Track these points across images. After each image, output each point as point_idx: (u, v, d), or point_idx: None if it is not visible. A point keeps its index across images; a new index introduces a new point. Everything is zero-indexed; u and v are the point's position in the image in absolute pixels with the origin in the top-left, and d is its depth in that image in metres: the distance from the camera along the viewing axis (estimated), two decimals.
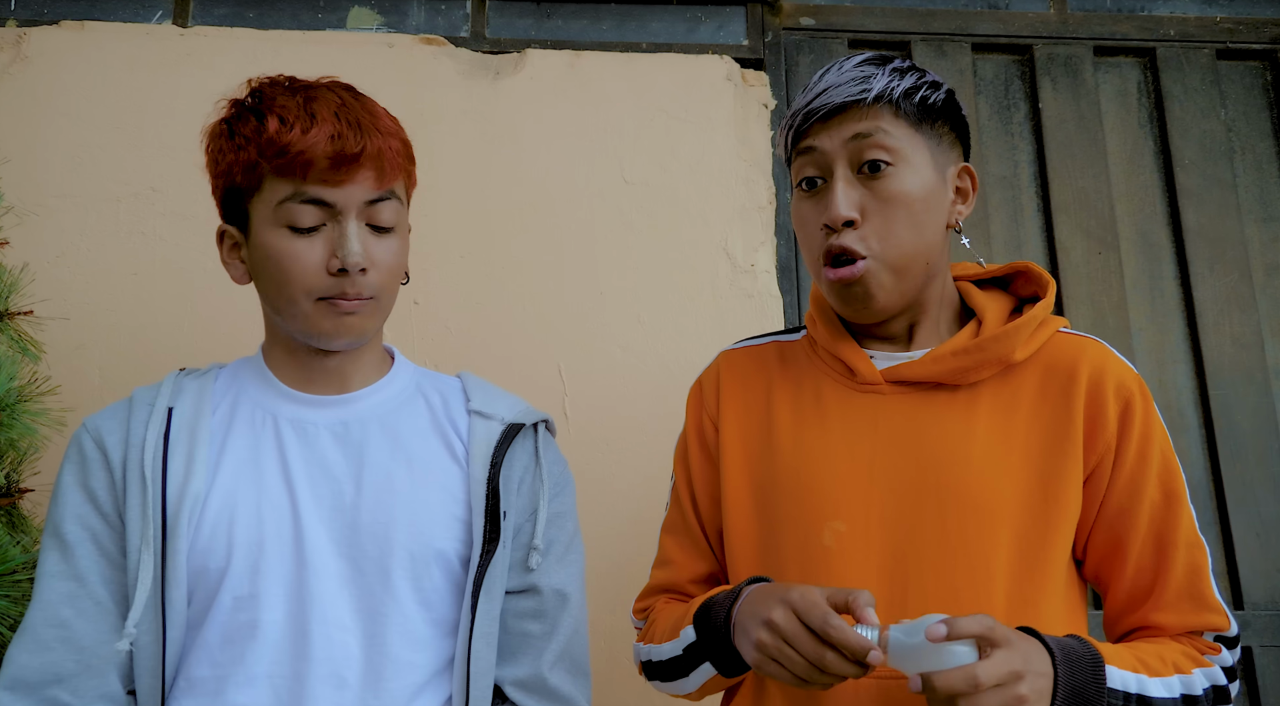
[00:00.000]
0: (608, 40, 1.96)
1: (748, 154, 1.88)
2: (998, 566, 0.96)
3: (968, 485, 0.98)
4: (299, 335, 1.05)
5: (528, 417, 1.13)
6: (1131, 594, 1.00)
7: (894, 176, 1.00)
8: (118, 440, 1.02)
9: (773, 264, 1.84)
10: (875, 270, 1.00)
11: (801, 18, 2.01)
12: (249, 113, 1.01)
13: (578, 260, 1.81)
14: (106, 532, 1.01)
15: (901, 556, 0.98)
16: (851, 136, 1.01)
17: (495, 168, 1.84)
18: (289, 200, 0.99)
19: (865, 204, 1.00)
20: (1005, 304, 1.09)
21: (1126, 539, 0.99)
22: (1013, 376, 1.03)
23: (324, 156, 0.97)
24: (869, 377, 1.05)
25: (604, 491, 1.69)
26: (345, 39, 1.88)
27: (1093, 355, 1.02)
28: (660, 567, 1.17)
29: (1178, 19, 2.05)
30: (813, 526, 1.01)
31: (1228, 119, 2.01)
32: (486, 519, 1.04)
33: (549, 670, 1.06)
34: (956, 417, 1.01)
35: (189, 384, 1.09)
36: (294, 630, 0.98)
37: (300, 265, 0.99)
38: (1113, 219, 1.94)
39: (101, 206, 1.74)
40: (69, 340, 1.65)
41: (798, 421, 1.07)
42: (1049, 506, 0.98)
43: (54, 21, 1.83)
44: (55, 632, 0.97)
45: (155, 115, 1.79)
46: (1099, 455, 0.99)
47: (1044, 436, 1.00)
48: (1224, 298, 1.91)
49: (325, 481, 1.03)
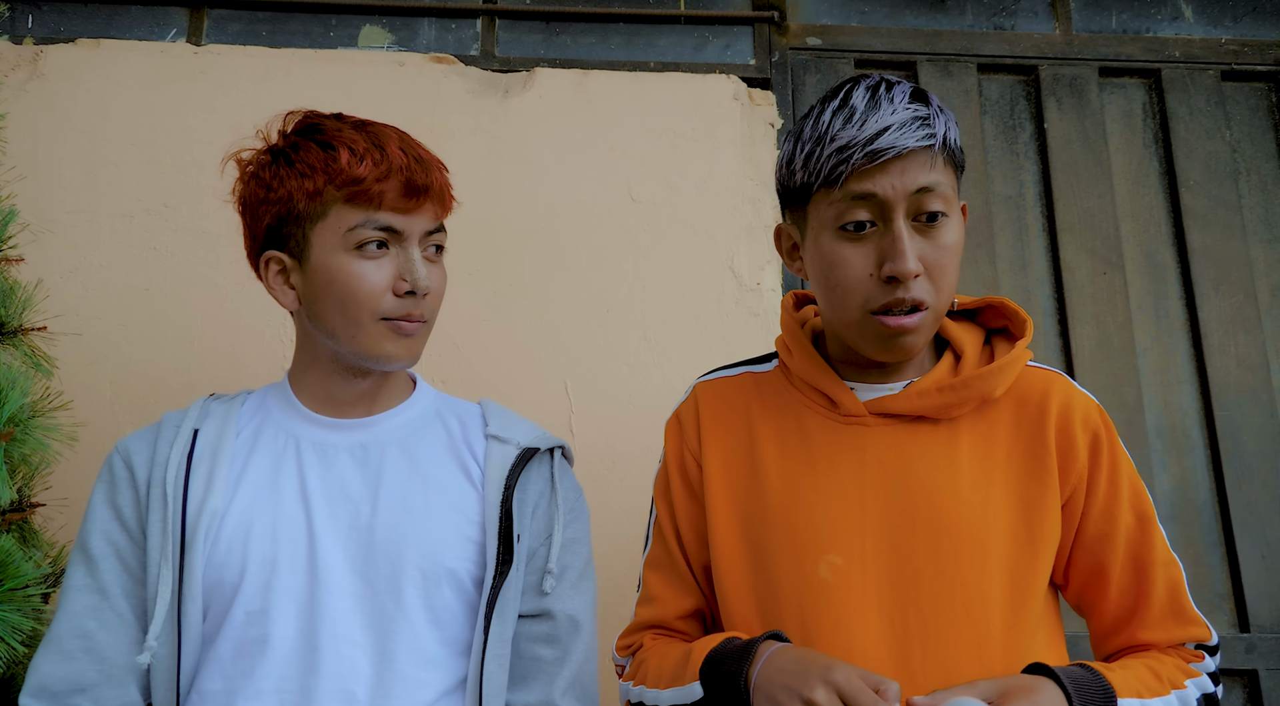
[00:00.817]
0: (616, 59, 1.98)
1: (754, 173, 1.90)
2: (992, 594, 0.98)
3: (958, 516, 0.99)
4: (354, 357, 1.07)
5: (543, 443, 1.15)
6: (1117, 615, 1.04)
7: (947, 227, 0.99)
8: (144, 460, 1.07)
9: (778, 282, 1.85)
10: (929, 319, 1.00)
11: (808, 38, 2.02)
12: (310, 143, 1.05)
13: (585, 278, 1.82)
14: (130, 548, 1.05)
15: (899, 587, 0.98)
16: (917, 187, 0.96)
17: (504, 185, 1.85)
18: (361, 226, 1.04)
19: (925, 255, 0.98)
20: (977, 337, 1.11)
21: (1107, 564, 1.03)
22: (988, 410, 1.05)
23: (397, 187, 1.04)
24: (853, 410, 1.06)
25: (610, 509, 1.70)
26: (356, 57, 1.90)
27: (1059, 389, 1.05)
28: (645, 604, 1.15)
29: (1183, 40, 2.06)
30: (808, 560, 1.01)
31: (1232, 140, 2.02)
32: (500, 541, 1.06)
33: (560, 697, 1.07)
34: (940, 450, 1.03)
35: (216, 408, 1.13)
36: (304, 645, 1.00)
37: (369, 286, 1.04)
38: (1118, 239, 1.94)
39: (115, 222, 1.76)
40: (81, 356, 1.67)
41: (783, 454, 1.07)
42: (1033, 535, 1.00)
43: (70, 39, 1.86)
44: (79, 643, 1.01)
45: (169, 132, 1.81)
46: (1072, 485, 1.03)
47: (1022, 468, 1.02)
48: (1229, 318, 1.91)
49: (343, 501, 1.06)
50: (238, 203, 1.12)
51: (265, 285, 1.10)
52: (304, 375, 1.13)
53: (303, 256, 1.06)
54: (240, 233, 1.13)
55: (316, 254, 1.05)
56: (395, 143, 1.06)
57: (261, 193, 1.07)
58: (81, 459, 1.46)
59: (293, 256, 1.07)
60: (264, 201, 1.07)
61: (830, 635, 0.98)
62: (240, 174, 1.11)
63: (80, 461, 1.47)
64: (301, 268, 1.07)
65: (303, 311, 1.09)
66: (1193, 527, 1.82)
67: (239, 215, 1.12)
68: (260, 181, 1.08)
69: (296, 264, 1.07)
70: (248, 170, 1.10)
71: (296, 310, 1.10)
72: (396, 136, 1.07)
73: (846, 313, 1.01)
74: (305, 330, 1.12)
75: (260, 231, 1.09)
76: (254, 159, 1.10)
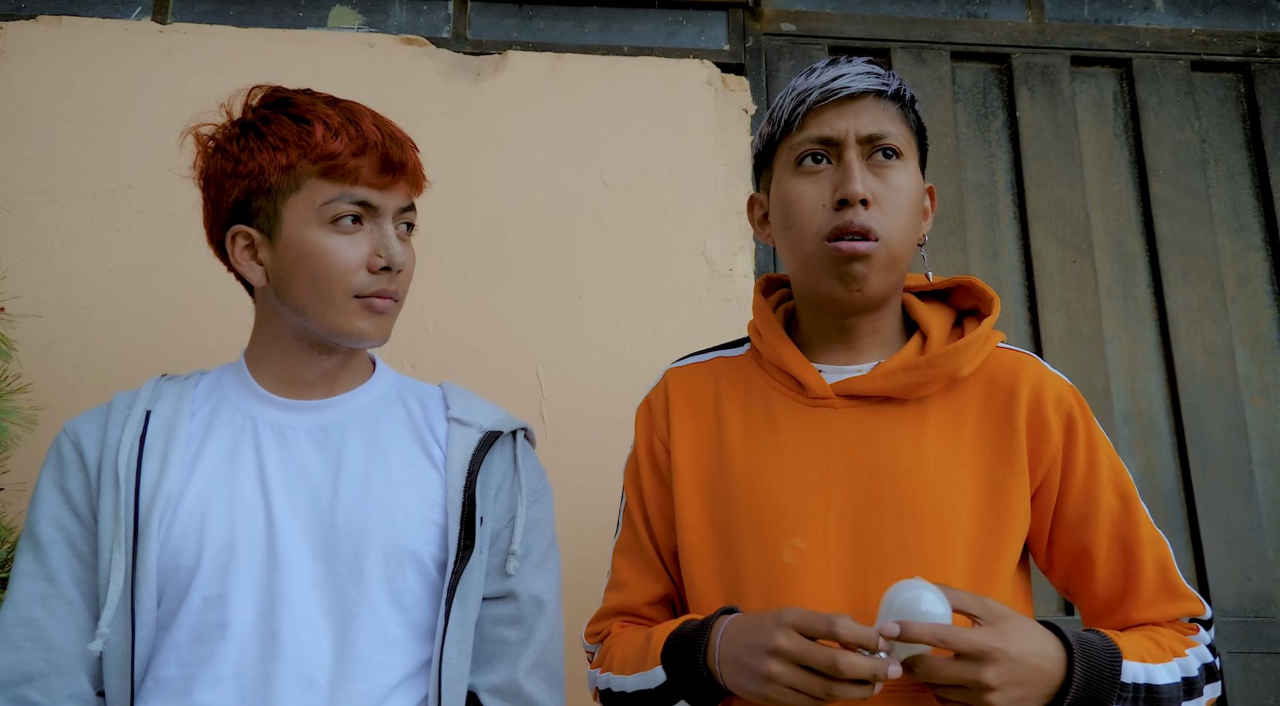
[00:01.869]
0: (589, 43, 1.97)
1: (727, 158, 1.89)
2: (954, 578, 0.97)
3: (923, 498, 0.98)
4: (324, 334, 1.06)
5: (506, 426, 1.14)
6: (1107, 597, 1.03)
7: (900, 170, 1.03)
8: (94, 442, 1.04)
9: (751, 268, 1.85)
10: (882, 254, 1.01)
11: (782, 23, 2.02)
12: (282, 116, 1.03)
13: (557, 262, 1.81)
14: (80, 533, 1.01)
15: (862, 571, 0.98)
16: (868, 124, 1.02)
17: (475, 169, 1.84)
18: (337, 200, 1.03)
19: (875, 190, 1.01)
20: (947, 317, 1.10)
21: (1092, 546, 1.01)
22: (957, 391, 1.04)
23: (373, 163, 1.03)
24: (819, 392, 1.05)
25: (580, 494, 1.69)
26: (326, 38, 1.88)
27: (1030, 370, 1.04)
28: (614, 590, 1.16)
29: (1154, 30, 2.07)
30: (771, 543, 1.00)
31: (1201, 130, 2.04)
32: (462, 526, 1.05)
33: (524, 677, 1.06)
34: (907, 431, 1.02)
35: (169, 388, 1.10)
36: (263, 630, 0.98)
37: (344, 261, 1.03)
38: (1088, 227, 1.96)
39: (77, 203, 1.73)
40: (41, 337, 1.64)
41: (750, 438, 1.07)
42: (998, 518, 0.99)
43: (31, 16, 1.82)
44: (25, 632, 0.98)
45: (133, 112, 1.78)
46: (1045, 468, 1.01)
47: (990, 450, 1.01)
48: (1196, 307, 1.93)
49: (303, 484, 1.04)
50: (199, 177, 1.09)
51: (231, 260, 1.07)
52: (263, 354, 1.11)
53: (273, 231, 1.04)
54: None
55: (288, 228, 1.03)
56: (369, 119, 1.05)
57: (229, 166, 1.05)
58: (40, 442, 1.43)
59: (261, 231, 1.05)
60: (231, 175, 1.04)
61: None
62: (202, 148, 1.08)
63: (39, 445, 1.44)
64: (271, 242, 1.04)
65: (270, 288, 1.07)
66: (1158, 513, 1.84)
67: (200, 190, 1.10)
68: (227, 155, 1.05)
69: (266, 239, 1.05)
70: (211, 144, 1.07)
71: (263, 287, 1.08)
72: (369, 113, 1.06)
73: (804, 247, 1.04)
74: (269, 308, 1.10)
75: (226, 205, 1.06)
76: (219, 132, 1.07)
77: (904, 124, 1.05)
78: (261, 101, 1.07)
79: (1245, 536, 1.81)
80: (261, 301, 1.11)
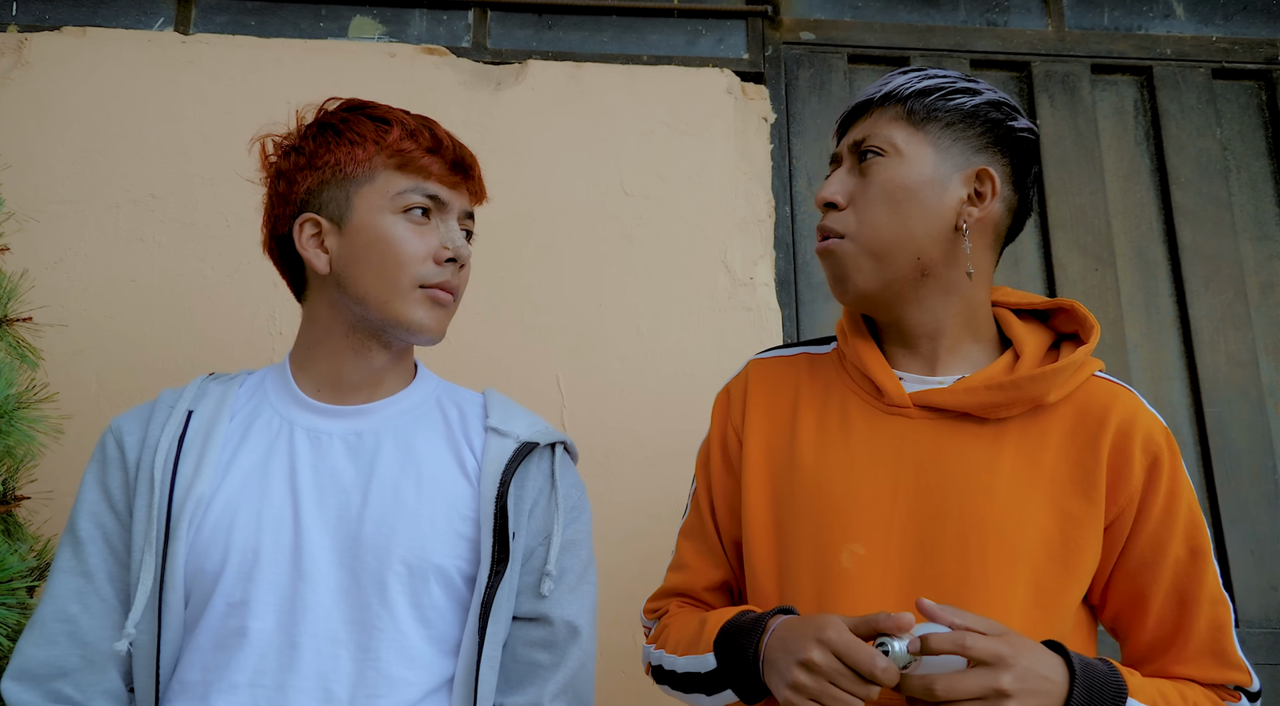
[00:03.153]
0: (608, 52, 1.97)
1: (747, 167, 1.89)
2: (1014, 604, 0.94)
3: (991, 518, 0.96)
4: (383, 324, 1.06)
5: (544, 438, 1.12)
6: (1151, 646, 1.00)
7: (880, 166, 1.03)
8: (135, 440, 1.05)
9: (771, 277, 1.84)
10: (850, 250, 1.03)
11: (802, 32, 2.02)
12: (361, 117, 1.08)
13: (577, 271, 1.81)
14: (117, 531, 1.03)
15: (919, 584, 0.96)
16: (859, 132, 1.06)
17: (495, 178, 1.83)
18: (410, 191, 1.06)
19: (854, 191, 1.05)
20: (1043, 339, 1.07)
21: (1148, 593, 0.99)
22: (1042, 415, 1.01)
23: (445, 162, 1.08)
24: (897, 400, 1.04)
25: (601, 504, 1.69)
26: (347, 48, 1.88)
27: (1124, 405, 1.00)
28: (676, 571, 1.18)
29: (1174, 38, 2.07)
30: (831, 547, 1.00)
31: (1223, 138, 2.03)
32: (495, 539, 1.03)
33: (550, 701, 1.04)
34: (983, 450, 0.99)
35: (213, 388, 1.10)
36: (282, 640, 0.98)
37: (412, 249, 1.05)
38: (1109, 236, 1.95)
39: (101, 213, 1.73)
40: (67, 347, 1.65)
41: (821, 438, 1.06)
42: (1068, 550, 0.96)
43: (56, 27, 1.83)
44: (61, 627, 0.99)
45: (156, 122, 1.79)
46: (1120, 507, 0.98)
47: (1069, 480, 0.98)
48: (1219, 315, 1.92)
49: (333, 491, 1.03)
50: (270, 173, 1.12)
51: (298, 247, 1.08)
52: (309, 353, 1.11)
53: (343, 218, 1.06)
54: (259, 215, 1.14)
55: (360, 215, 1.05)
56: (441, 128, 1.11)
57: (302, 161, 1.08)
58: (67, 451, 1.44)
59: (331, 220, 1.07)
60: (304, 168, 1.08)
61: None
62: (274, 149, 1.12)
63: (66, 454, 1.45)
64: (340, 230, 1.06)
65: (332, 277, 1.07)
66: None
67: (268, 186, 1.12)
68: (302, 152, 1.09)
69: (335, 226, 1.06)
70: (285, 143, 1.11)
71: (324, 276, 1.08)
72: (441, 126, 1.12)
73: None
74: (326, 300, 1.09)
75: (296, 196, 1.08)
76: (293, 133, 1.11)
77: (904, 121, 1.04)
78: (340, 107, 1.12)
79: (1271, 546, 1.79)
80: (316, 296, 1.11)
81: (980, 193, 1.03)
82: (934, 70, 1.07)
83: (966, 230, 1.02)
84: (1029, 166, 1.07)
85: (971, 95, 1.05)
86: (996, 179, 1.03)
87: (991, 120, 1.04)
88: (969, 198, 1.03)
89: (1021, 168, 1.07)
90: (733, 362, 1.77)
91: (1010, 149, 1.05)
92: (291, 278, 1.14)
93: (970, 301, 1.06)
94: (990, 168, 1.03)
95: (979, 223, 1.04)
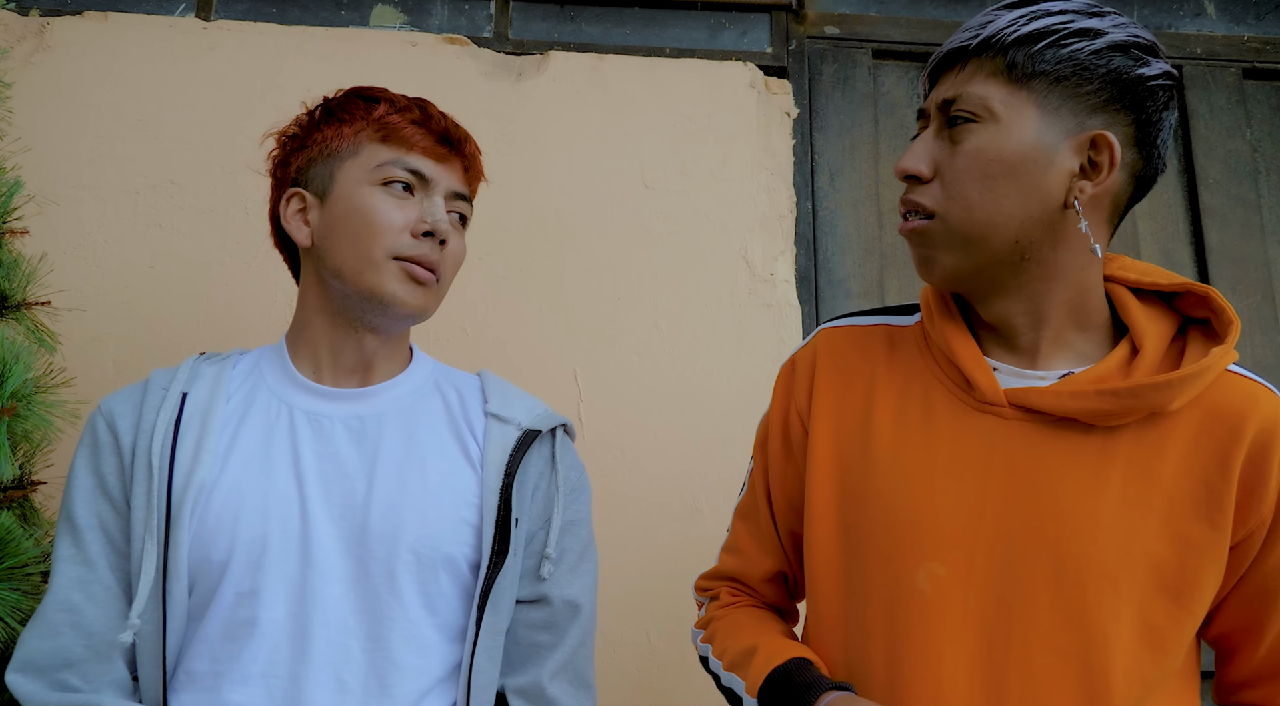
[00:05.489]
0: (631, 44, 1.96)
1: (769, 162, 1.87)
2: (1117, 643, 0.82)
3: (1093, 543, 0.83)
4: (360, 298, 1.04)
5: (545, 423, 1.11)
6: (1259, 672, 0.89)
7: (973, 132, 0.87)
8: (129, 424, 1.02)
9: (792, 273, 1.83)
10: (939, 231, 0.89)
11: (826, 26, 2.00)
12: (356, 98, 1.08)
13: (596, 265, 1.80)
14: (114, 519, 1.00)
15: (1006, 615, 0.84)
16: (946, 89, 0.90)
17: (515, 169, 1.83)
18: (390, 164, 1.04)
19: (941, 160, 0.89)
20: (1167, 327, 0.91)
21: (1266, 621, 0.86)
22: (1162, 422, 0.86)
23: (430, 134, 1.06)
24: (990, 397, 0.89)
25: (618, 497, 1.68)
26: (368, 36, 1.87)
27: (1265, 408, 0.84)
28: (730, 553, 1.09)
29: (1205, 37, 2.04)
30: (905, 564, 0.87)
31: (1253, 139, 2.00)
32: (496, 530, 1.02)
33: (549, 680, 1.04)
34: (1089, 462, 0.85)
35: (207, 369, 1.08)
36: (294, 630, 0.96)
37: (388, 219, 1.03)
38: (1135, 237, 1.92)
39: (120, 198, 1.73)
40: (85, 332, 1.64)
41: (900, 432, 0.92)
42: (1184, 582, 0.83)
43: (77, 12, 1.83)
44: (65, 617, 0.97)
45: (176, 108, 1.78)
46: (1250, 529, 0.84)
47: (1190, 499, 0.84)
48: (1246, 319, 1.89)
49: (338, 478, 1.01)
50: (271, 166, 1.13)
51: (282, 221, 1.08)
52: (302, 332, 1.09)
53: (326, 192, 1.06)
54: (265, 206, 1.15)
55: (340, 187, 1.05)
56: (435, 107, 1.09)
57: (296, 144, 1.09)
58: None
59: (315, 194, 1.06)
60: (298, 148, 1.08)
61: (916, 656, 0.86)
62: (277, 141, 1.12)
63: None
64: (322, 203, 1.06)
65: (314, 251, 1.06)
66: None
67: (270, 177, 1.13)
68: (298, 137, 1.09)
69: (318, 201, 1.06)
70: (286, 133, 1.12)
71: (307, 249, 1.08)
72: (436, 106, 1.10)
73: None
74: (311, 278, 1.08)
75: (288, 177, 1.09)
76: (294, 122, 1.12)
77: (1003, 77, 0.87)
78: (340, 93, 1.11)
79: None
80: (305, 274, 1.10)
81: (1096, 163, 0.86)
82: (1047, 3, 0.88)
83: (1080, 208, 0.86)
84: (1162, 120, 0.88)
85: (1091, 38, 0.85)
86: (1116, 146, 0.85)
87: (1114, 69, 0.85)
88: (1081, 169, 0.86)
89: (1151, 123, 0.87)
90: (751, 359, 1.76)
91: (1137, 103, 0.86)
92: (290, 259, 1.15)
93: (1079, 285, 0.90)
94: (1109, 131, 0.86)
95: (1093, 199, 0.87)
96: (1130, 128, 0.87)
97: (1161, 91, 0.87)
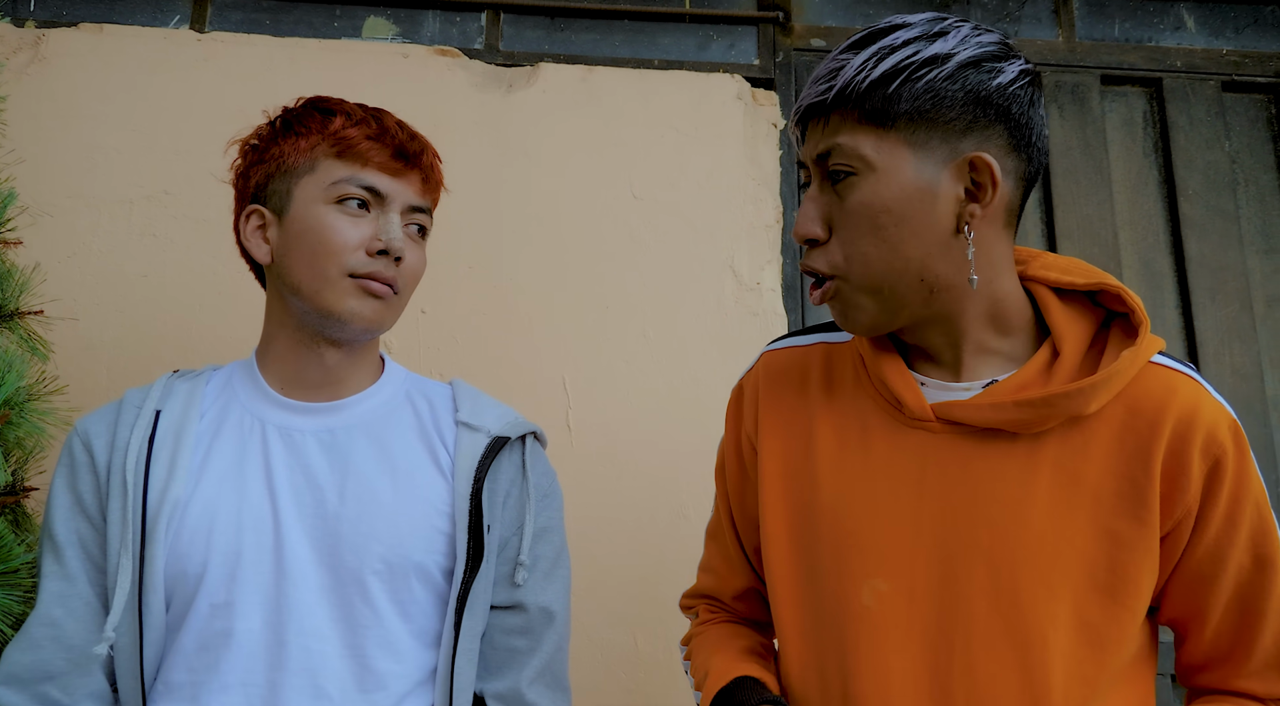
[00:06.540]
0: (620, 56, 1.98)
1: (756, 172, 1.90)
2: (1056, 644, 0.84)
3: (1024, 547, 0.85)
4: (317, 316, 1.05)
5: (514, 431, 1.12)
6: (1210, 655, 0.90)
7: (855, 187, 0.86)
8: (104, 443, 1.04)
9: (778, 282, 1.85)
10: (847, 290, 0.89)
11: (812, 39, 2.03)
12: (312, 111, 1.07)
13: (584, 274, 1.82)
14: (92, 535, 1.03)
15: (949, 626, 0.86)
16: (819, 147, 0.88)
17: (505, 179, 1.85)
18: (345, 181, 1.04)
19: (832, 215, 0.88)
20: (1087, 327, 0.91)
21: (1206, 606, 0.88)
22: (1086, 422, 0.87)
23: (386, 149, 1.05)
24: (918, 413, 0.91)
25: (606, 505, 1.70)
26: (361, 48, 1.90)
27: (1183, 399, 0.85)
28: (705, 572, 1.14)
29: (1184, 50, 2.07)
30: (852, 581, 0.90)
31: (1232, 151, 2.03)
32: (470, 536, 1.04)
33: (528, 686, 1.07)
34: (1016, 469, 0.87)
35: (179, 386, 1.10)
36: (270, 639, 0.98)
37: (342, 239, 1.03)
38: (1116, 246, 1.95)
39: (114, 208, 1.75)
40: (78, 340, 1.66)
41: (841, 450, 0.94)
42: (1116, 578, 0.84)
43: (72, 23, 1.85)
44: (46, 631, 0.99)
45: (170, 119, 1.80)
46: (1176, 519, 0.85)
47: (1116, 497, 0.85)
48: (1225, 328, 1.92)
49: (309, 490, 1.03)
50: (234, 177, 1.13)
51: (241, 239, 1.09)
52: (269, 347, 1.11)
53: (284, 210, 1.06)
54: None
55: (297, 206, 1.05)
56: (392, 118, 1.08)
57: (255, 157, 1.09)
58: None
59: (273, 211, 1.07)
60: (256, 163, 1.08)
61: (866, 671, 0.88)
62: (239, 151, 1.12)
63: None
64: (280, 221, 1.06)
65: (274, 269, 1.08)
66: None
67: (233, 187, 1.13)
68: (257, 149, 1.09)
69: (276, 218, 1.07)
70: (248, 143, 1.11)
71: (268, 266, 1.09)
72: (394, 116, 1.09)
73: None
74: (276, 292, 1.10)
75: (248, 192, 1.09)
76: (254, 132, 1.11)
77: (867, 126, 0.85)
78: (299, 103, 1.11)
79: None
80: (270, 290, 1.12)
81: (979, 184, 0.86)
82: (889, 38, 0.86)
83: (971, 233, 0.86)
84: (1031, 120, 0.87)
85: (940, 64, 0.84)
86: (994, 165, 0.84)
87: (970, 89, 0.84)
88: (967, 192, 0.86)
89: (1022, 127, 0.87)
90: (738, 367, 1.78)
91: (1002, 113, 0.85)
92: (257, 273, 1.16)
93: (992, 297, 0.91)
94: (983, 150, 0.85)
95: (985, 217, 0.87)
96: (1004, 137, 0.86)
97: (1023, 93, 0.86)
